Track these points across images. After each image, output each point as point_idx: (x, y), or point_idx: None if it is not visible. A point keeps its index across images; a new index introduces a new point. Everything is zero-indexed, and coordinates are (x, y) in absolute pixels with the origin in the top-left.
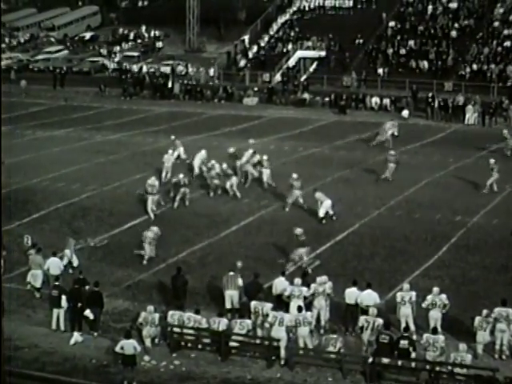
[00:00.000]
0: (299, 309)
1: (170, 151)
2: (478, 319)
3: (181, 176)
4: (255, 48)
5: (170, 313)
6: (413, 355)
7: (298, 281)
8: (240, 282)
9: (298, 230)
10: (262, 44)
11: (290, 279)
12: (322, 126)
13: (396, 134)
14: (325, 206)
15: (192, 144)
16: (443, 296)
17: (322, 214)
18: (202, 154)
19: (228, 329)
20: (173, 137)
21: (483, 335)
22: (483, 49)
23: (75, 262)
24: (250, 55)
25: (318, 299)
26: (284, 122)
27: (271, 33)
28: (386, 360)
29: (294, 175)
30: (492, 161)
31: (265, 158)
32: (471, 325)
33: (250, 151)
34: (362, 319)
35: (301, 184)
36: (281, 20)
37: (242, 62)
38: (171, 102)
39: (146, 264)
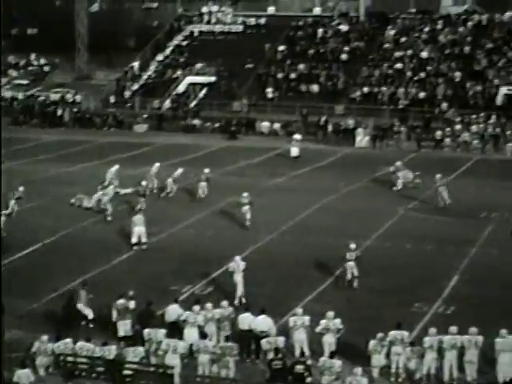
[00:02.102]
0: (200, 336)
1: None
2: (372, 343)
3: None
4: (145, 74)
5: (56, 345)
6: (308, 380)
7: (195, 308)
8: (132, 305)
9: None
10: (152, 70)
11: (184, 306)
12: (212, 151)
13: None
14: (137, 232)
15: (81, 172)
16: (337, 320)
17: (134, 240)
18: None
19: (119, 356)
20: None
21: (378, 359)
22: (374, 71)
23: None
24: (140, 82)
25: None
26: (175, 149)
27: (160, 59)
28: None
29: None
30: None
31: (206, 170)
32: (366, 348)
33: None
34: (263, 342)
35: None
36: (170, 46)
37: (132, 89)
38: (61, 129)
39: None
